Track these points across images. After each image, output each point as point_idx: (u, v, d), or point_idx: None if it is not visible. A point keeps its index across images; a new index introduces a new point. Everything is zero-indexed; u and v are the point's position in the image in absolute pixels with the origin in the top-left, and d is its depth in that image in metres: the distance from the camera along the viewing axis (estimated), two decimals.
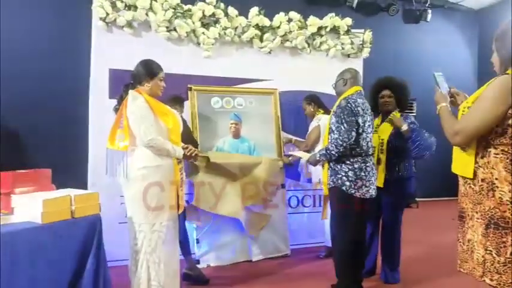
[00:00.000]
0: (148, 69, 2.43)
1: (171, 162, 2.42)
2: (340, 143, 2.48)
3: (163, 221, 2.38)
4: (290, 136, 3.90)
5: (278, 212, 3.71)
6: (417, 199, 6.61)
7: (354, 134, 2.49)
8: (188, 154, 2.49)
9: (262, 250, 3.62)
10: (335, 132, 2.51)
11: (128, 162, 2.34)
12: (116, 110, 2.49)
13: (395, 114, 2.96)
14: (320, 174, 3.12)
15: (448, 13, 7.41)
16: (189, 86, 3.58)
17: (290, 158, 3.64)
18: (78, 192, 2.29)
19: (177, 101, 3.16)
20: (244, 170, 3.47)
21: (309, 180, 3.86)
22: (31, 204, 2.08)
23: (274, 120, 3.87)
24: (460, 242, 1.83)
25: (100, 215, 2.30)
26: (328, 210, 2.81)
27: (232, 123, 3.67)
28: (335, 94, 2.80)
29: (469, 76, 7.52)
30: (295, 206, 4.00)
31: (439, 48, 7.26)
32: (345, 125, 2.47)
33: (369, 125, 2.60)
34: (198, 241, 3.40)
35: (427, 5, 6.91)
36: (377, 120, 3.04)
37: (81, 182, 3.32)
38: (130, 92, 2.39)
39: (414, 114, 6.58)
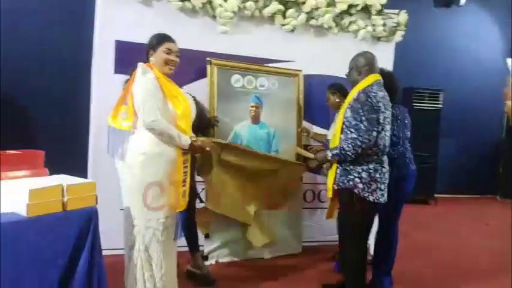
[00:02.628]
0: (152, 39, 2.17)
1: (175, 152, 2.11)
2: (359, 143, 2.19)
3: (160, 218, 2.10)
4: (308, 127, 3.52)
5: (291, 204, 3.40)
6: (436, 195, 6.26)
7: (375, 134, 2.21)
8: (197, 145, 2.17)
9: (274, 247, 3.34)
10: (352, 130, 2.22)
11: (127, 145, 2.07)
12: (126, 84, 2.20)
13: None
14: None
15: None
16: (208, 58, 3.19)
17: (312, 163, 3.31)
18: (72, 180, 1.99)
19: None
20: (262, 171, 3.13)
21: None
22: (16, 194, 1.80)
23: (296, 107, 3.52)
24: None
25: (96, 208, 2.01)
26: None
27: (252, 107, 3.32)
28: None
29: (501, 66, 7.02)
30: (311, 201, 3.69)
31: (469, 34, 6.76)
32: (365, 123, 2.19)
33: (388, 122, 2.31)
34: (207, 235, 3.11)
35: None
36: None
37: (81, 163, 3.05)
38: (140, 64, 2.10)
39: (441, 106, 6.14)
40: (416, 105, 5.97)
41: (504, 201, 6.78)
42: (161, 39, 2.17)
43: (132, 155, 2.06)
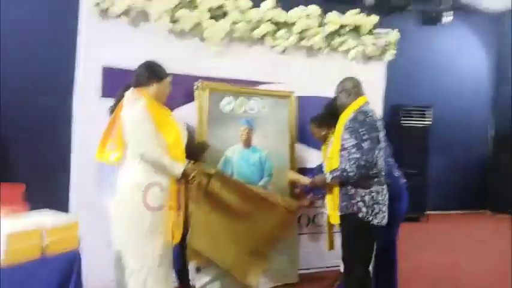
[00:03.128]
0: (157, 70, 2.08)
1: (167, 182, 2.00)
2: (363, 163, 2.13)
3: (155, 251, 1.96)
4: (296, 175, 3.19)
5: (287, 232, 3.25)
6: (427, 212, 6.21)
7: (376, 152, 2.16)
8: (191, 174, 2.08)
9: (269, 277, 3.16)
10: (354, 150, 2.16)
11: (117, 180, 1.96)
12: (112, 111, 2.07)
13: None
14: None
15: (467, 15, 6.97)
16: (196, 83, 3.07)
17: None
18: (53, 218, 1.83)
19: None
20: (251, 208, 2.95)
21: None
22: None
23: (289, 128, 3.43)
24: None
25: (79, 251, 1.85)
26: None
27: (243, 130, 3.21)
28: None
29: (485, 82, 7.12)
30: (305, 226, 3.56)
31: (455, 52, 6.84)
32: (368, 142, 2.17)
33: (384, 141, 2.31)
34: (198, 269, 2.93)
35: (445, 6, 6.48)
36: None
37: (61, 196, 2.86)
38: (131, 90, 1.99)
39: (429, 122, 6.14)
40: (404, 123, 5.96)
41: (494, 215, 6.80)
42: (165, 72, 2.12)
43: (121, 190, 1.94)
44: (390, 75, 3.97)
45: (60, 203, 2.50)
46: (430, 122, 6.17)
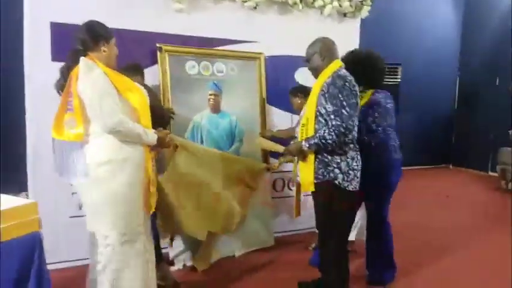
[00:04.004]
0: (102, 32, 1.85)
1: (142, 152, 1.88)
2: (343, 130, 2.05)
3: (134, 227, 1.87)
4: (268, 143, 3.10)
5: (261, 197, 3.21)
6: None
7: (355, 119, 2.10)
8: (164, 139, 1.98)
9: (245, 243, 3.14)
10: (333, 117, 2.07)
11: (86, 157, 1.78)
12: (61, 86, 1.84)
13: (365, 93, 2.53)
14: None
15: None
16: (158, 45, 2.87)
17: (276, 164, 3.10)
18: (9, 202, 1.65)
19: (136, 70, 2.47)
20: (220, 174, 2.85)
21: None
22: None
23: (259, 91, 3.28)
24: None
25: (40, 234, 1.69)
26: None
27: (211, 95, 3.05)
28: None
29: (454, 37, 7.14)
30: (280, 190, 3.52)
31: (424, 10, 6.75)
32: (347, 108, 2.06)
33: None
34: (172, 239, 2.84)
35: None
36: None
37: (18, 177, 2.64)
38: (83, 59, 1.77)
39: (399, 80, 6.14)
40: None
41: (456, 169, 7.11)
42: (111, 30, 1.90)
43: (92, 168, 1.77)
44: (362, 32, 3.83)
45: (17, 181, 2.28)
46: (399, 80, 6.18)
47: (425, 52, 6.74)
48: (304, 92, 2.85)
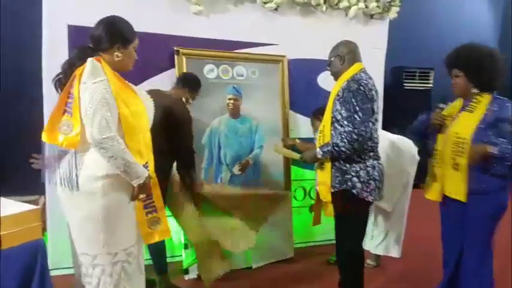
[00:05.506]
0: (122, 31, 1.69)
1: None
2: (355, 137, 1.95)
3: (127, 246, 1.69)
4: (284, 151, 2.96)
5: (281, 207, 3.06)
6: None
7: (371, 125, 1.99)
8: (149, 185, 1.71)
9: (263, 254, 3.00)
10: (346, 123, 1.99)
11: (80, 167, 1.61)
12: (61, 84, 1.69)
13: (482, 98, 2.07)
14: None
15: None
16: (176, 48, 2.80)
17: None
18: (11, 207, 1.60)
19: (191, 83, 2.46)
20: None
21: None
22: None
23: (281, 96, 3.15)
24: None
25: (43, 241, 1.63)
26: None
27: (230, 99, 2.95)
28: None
29: (491, 38, 6.73)
30: (302, 199, 3.36)
31: (453, 7, 6.41)
32: (360, 113, 1.97)
33: (379, 112, 2.23)
34: (186, 246, 2.74)
35: None
36: (451, 108, 2.20)
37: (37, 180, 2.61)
38: (91, 61, 1.60)
39: (431, 86, 5.84)
40: (407, 85, 5.65)
41: None
42: (134, 33, 1.74)
43: (88, 180, 1.60)
44: (390, 34, 3.64)
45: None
46: (432, 85, 5.87)
47: None
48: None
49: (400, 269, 2.97)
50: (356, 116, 1.97)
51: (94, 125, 1.53)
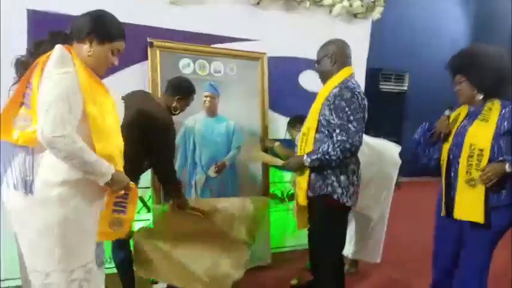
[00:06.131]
0: (104, 23, 1.49)
1: None
2: (349, 146, 1.90)
3: (86, 262, 1.48)
4: (266, 157, 2.73)
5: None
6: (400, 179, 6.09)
7: (361, 134, 1.94)
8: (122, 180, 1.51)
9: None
10: (339, 131, 1.92)
11: (36, 170, 1.39)
12: (22, 68, 1.47)
13: (492, 105, 1.90)
14: None
15: None
16: (149, 40, 2.61)
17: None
18: None
19: (181, 90, 2.25)
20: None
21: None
22: None
23: (260, 95, 3.01)
24: None
25: None
26: None
27: (207, 96, 2.79)
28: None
29: (464, 43, 6.89)
30: (281, 203, 3.23)
31: (429, 12, 6.51)
32: (355, 123, 1.91)
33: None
34: (155, 282, 2.50)
35: None
36: (456, 114, 2.08)
37: None
38: (59, 47, 1.40)
39: (406, 89, 5.89)
40: (383, 88, 5.67)
41: None
42: (119, 33, 1.53)
43: (44, 187, 1.39)
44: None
45: None
46: (406, 88, 5.93)
47: (434, 59, 6.48)
48: (302, 122, 2.43)
49: (380, 275, 2.91)
50: (350, 125, 1.91)
51: (46, 120, 1.31)
